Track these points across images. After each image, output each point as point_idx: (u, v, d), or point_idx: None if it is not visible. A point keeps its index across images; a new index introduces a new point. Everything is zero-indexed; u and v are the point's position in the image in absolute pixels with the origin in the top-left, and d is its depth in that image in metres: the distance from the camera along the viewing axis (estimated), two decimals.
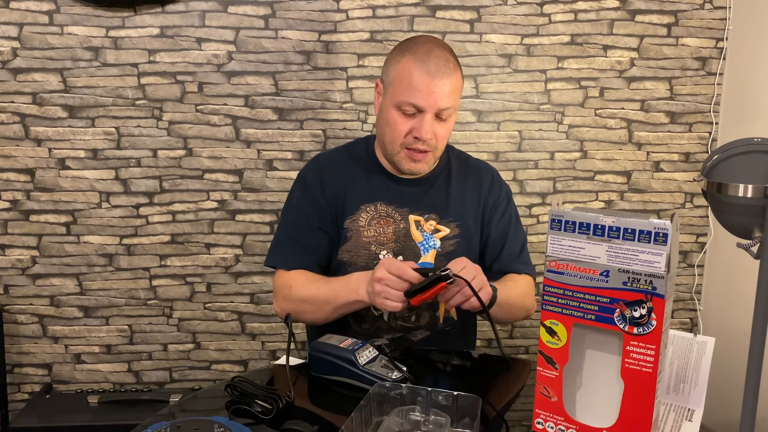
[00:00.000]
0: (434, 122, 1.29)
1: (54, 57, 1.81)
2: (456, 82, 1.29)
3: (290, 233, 1.40)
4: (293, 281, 1.35)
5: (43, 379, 1.97)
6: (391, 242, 1.36)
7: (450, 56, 1.29)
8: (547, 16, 1.89)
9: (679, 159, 2.00)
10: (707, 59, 1.94)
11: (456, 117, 1.36)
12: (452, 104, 1.29)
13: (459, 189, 1.42)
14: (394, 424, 0.91)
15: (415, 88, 1.26)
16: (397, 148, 1.32)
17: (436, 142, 1.31)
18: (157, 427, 0.89)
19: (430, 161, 1.35)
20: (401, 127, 1.30)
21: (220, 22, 1.83)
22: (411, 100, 1.27)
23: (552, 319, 0.91)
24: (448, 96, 1.27)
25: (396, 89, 1.29)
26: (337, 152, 1.47)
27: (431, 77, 1.25)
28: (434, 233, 1.38)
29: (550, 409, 0.92)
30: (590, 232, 0.86)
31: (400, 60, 1.29)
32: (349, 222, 1.37)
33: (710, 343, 0.98)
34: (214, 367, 2.02)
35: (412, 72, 1.26)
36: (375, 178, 1.40)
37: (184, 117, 1.87)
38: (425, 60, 1.26)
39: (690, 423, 0.93)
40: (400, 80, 1.28)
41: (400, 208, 1.38)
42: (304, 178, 1.43)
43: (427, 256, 1.37)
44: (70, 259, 1.91)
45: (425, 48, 1.28)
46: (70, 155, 1.86)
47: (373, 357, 1.13)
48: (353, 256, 1.36)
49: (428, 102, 1.26)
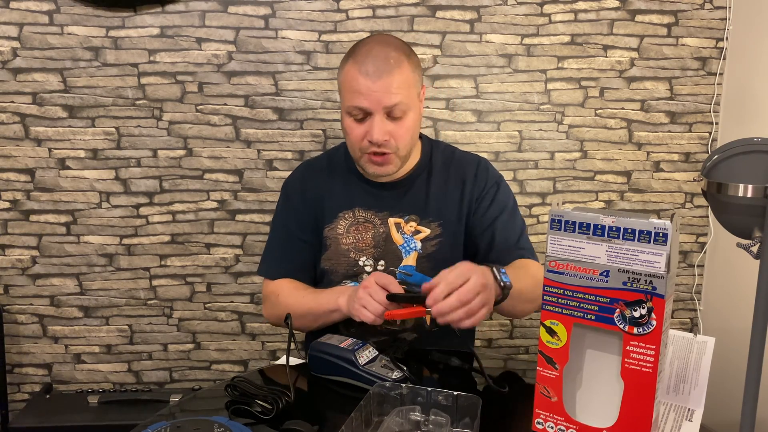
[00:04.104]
0: (386, 122, 1.26)
1: (54, 57, 1.81)
2: (401, 76, 1.25)
3: (276, 243, 1.44)
4: (280, 290, 1.39)
5: (43, 379, 1.97)
6: (370, 248, 1.36)
7: (392, 51, 1.25)
8: (547, 16, 1.89)
9: (679, 159, 2.00)
10: (707, 59, 1.94)
11: (418, 111, 1.32)
12: (400, 100, 1.25)
13: (439, 187, 1.39)
14: (394, 424, 0.91)
15: (356, 92, 1.24)
16: (358, 153, 1.32)
17: (395, 142, 1.28)
18: (157, 427, 0.89)
19: (395, 162, 1.31)
20: (356, 133, 1.29)
21: (220, 22, 1.83)
22: (354, 103, 1.25)
23: (552, 319, 0.91)
24: (393, 93, 1.24)
25: (343, 95, 1.29)
26: (319, 159, 1.48)
27: (369, 78, 1.23)
28: (414, 235, 1.36)
29: (550, 409, 0.93)
30: (590, 232, 0.86)
31: (344, 66, 1.29)
32: (328, 230, 1.38)
33: (710, 343, 0.98)
34: (214, 367, 2.02)
35: (352, 76, 1.25)
36: (352, 184, 1.39)
37: (184, 117, 1.87)
38: (363, 62, 1.24)
39: (690, 423, 0.94)
40: (345, 86, 1.28)
41: (380, 212, 1.37)
42: (285, 189, 1.45)
43: (409, 258, 1.35)
44: (70, 259, 1.91)
45: (365, 49, 1.27)
46: (70, 155, 1.86)
47: (373, 357, 1.13)
48: (334, 264, 1.37)
49: (372, 103, 1.24)
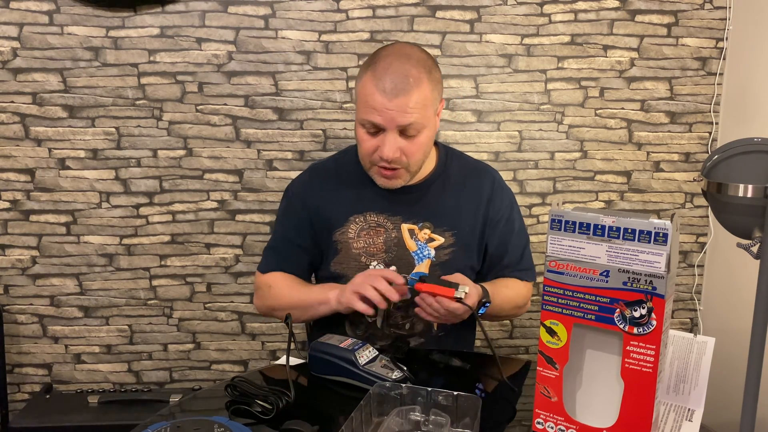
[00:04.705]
0: (399, 139, 1.24)
1: (54, 57, 1.81)
2: (419, 96, 1.22)
3: (274, 242, 1.46)
4: (273, 281, 1.40)
5: (43, 379, 1.97)
6: (381, 252, 1.35)
7: (412, 69, 1.22)
8: (547, 16, 1.89)
9: (679, 159, 2.00)
10: (707, 59, 1.94)
11: (433, 128, 1.31)
12: (415, 120, 1.23)
13: (455, 196, 1.39)
14: (394, 424, 0.91)
15: (371, 107, 1.22)
16: (368, 164, 1.31)
17: (406, 159, 1.27)
18: (157, 427, 0.89)
19: (404, 177, 1.31)
20: (367, 145, 1.27)
21: (220, 22, 1.83)
22: (368, 117, 1.24)
23: (552, 319, 0.91)
24: (408, 113, 1.21)
25: (359, 106, 1.27)
26: (327, 163, 1.46)
27: (386, 96, 1.20)
28: (428, 242, 1.36)
29: (550, 409, 0.93)
30: (590, 232, 0.86)
31: (362, 76, 1.26)
32: (338, 234, 1.37)
33: (710, 343, 0.98)
34: (214, 367, 2.02)
35: (369, 90, 1.23)
36: (364, 188, 1.37)
37: (184, 117, 1.87)
38: (381, 77, 1.21)
39: (690, 423, 0.94)
40: (360, 98, 1.26)
41: (392, 216, 1.36)
42: (289, 191, 1.45)
43: (422, 265, 1.35)
44: (70, 259, 1.91)
45: (385, 63, 1.23)
46: (70, 155, 1.86)
47: (373, 357, 1.13)
48: (345, 268, 1.37)
49: (385, 120, 1.22)
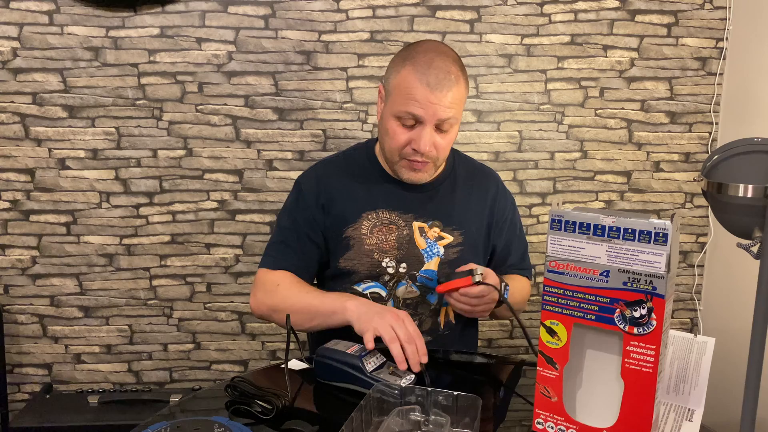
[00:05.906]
0: (434, 133, 1.27)
1: (54, 57, 1.81)
2: (458, 93, 1.26)
3: (282, 236, 1.40)
4: (281, 280, 1.35)
5: (43, 379, 1.97)
6: (393, 249, 1.35)
7: (452, 66, 1.26)
8: (547, 16, 1.89)
9: (679, 159, 2.00)
10: (707, 59, 1.94)
11: (459, 125, 1.34)
12: (453, 115, 1.26)
13: (464, 196, 1.42)
14: (394, 424, 0.91)
15: (414, 100, 1.24)
16: (396, 158, 1.32)
17: (436, 153, 1.29)
18: (157, 427, 0.89)
19: (430, 170, 1.34)
20: (400, 138, 1.28)
21: (220, 22, 1.83)
22: (410, 110, 1.24)
23: (552, 319, 0.91)
24: (448, 107, 1.24)
25: (395, 99, 1.27)
26: (336, 159, 1.46)
27: (431, 89, 1.22)
28: (438, 240, 1.37)
29: (550, 409, 0.92)
30: (590, 232, 0.86)
31: (401, 69, 1.27)
32: (351, 230, 1.36)
33: (710, 343, 0.98)
34: (214, 367, 2.02)
35: (412, 83, 1.24)
36: (376, 185, 1.39)
37: (184, 117, 1.87)
38: (425, 71, 1.23)
39: (690, 423, 0.93)
40: (400, 91, 1.26)
41: (404, 213, 1.37)
42: (299, 185, 1.43)
43: (431, 263, 1.36)
44: (70, 259, 1.91)
45: (426, 58, 1.25)
46: (70, 155, 1.86)
47: (380, 363, 1.10)
48: (356, 264, 1.36)
49: (427, 114, 1.24)
